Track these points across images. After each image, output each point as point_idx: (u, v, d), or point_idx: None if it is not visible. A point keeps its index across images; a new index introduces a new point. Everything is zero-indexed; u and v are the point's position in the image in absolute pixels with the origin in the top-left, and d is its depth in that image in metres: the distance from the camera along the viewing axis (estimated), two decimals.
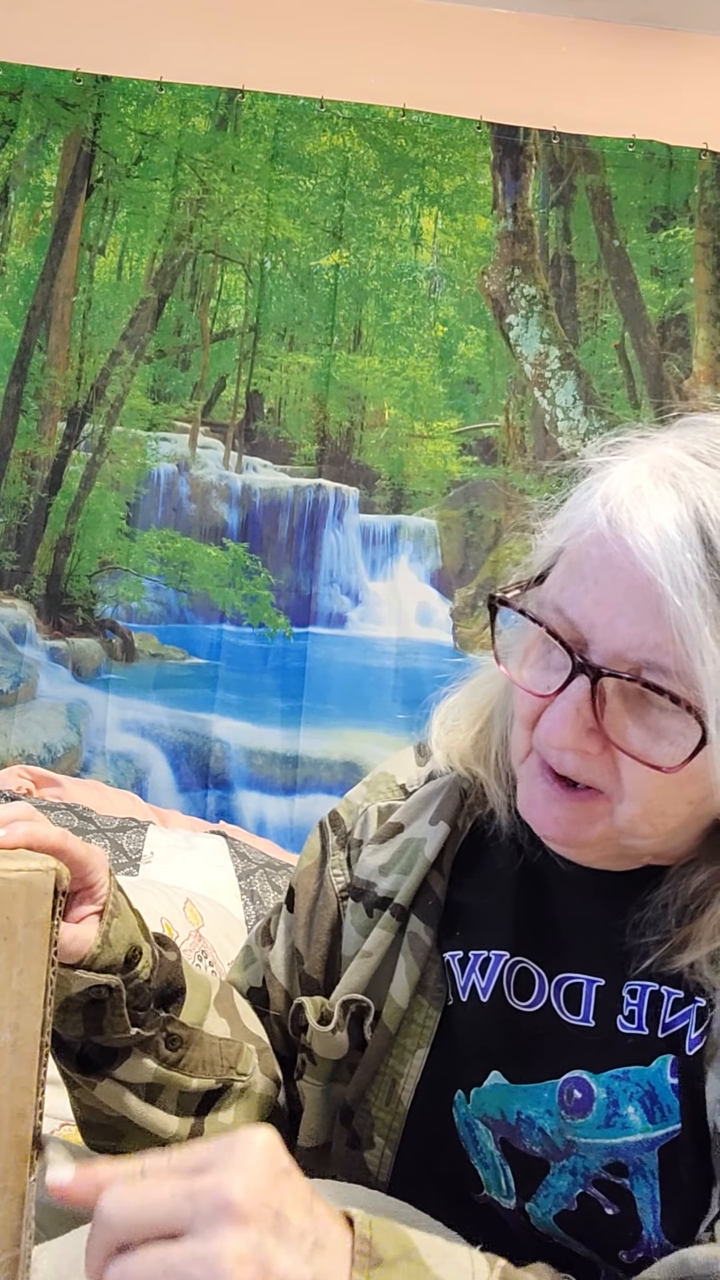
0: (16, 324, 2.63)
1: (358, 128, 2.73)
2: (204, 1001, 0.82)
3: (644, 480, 0.67)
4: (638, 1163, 0.72)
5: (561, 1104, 0.75)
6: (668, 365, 2.71)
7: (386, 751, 2.52)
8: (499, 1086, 0.77)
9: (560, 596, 0.69)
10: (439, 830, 0.84)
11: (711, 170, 2.76)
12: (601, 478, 0.70)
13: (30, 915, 0.60)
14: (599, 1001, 0.76)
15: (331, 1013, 0.82)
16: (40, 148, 2.69)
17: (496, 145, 2.75)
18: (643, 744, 0.66)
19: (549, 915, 0.80)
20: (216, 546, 2.63)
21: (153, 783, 2.52)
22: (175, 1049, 0.78)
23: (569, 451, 0.72)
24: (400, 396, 2.69)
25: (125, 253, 2.69)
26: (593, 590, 0.67)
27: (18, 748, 2.49)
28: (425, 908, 0.82)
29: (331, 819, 0.92)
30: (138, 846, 2.01)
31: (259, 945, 0.93)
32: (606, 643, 0.66)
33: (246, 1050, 0.83)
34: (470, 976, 0.80)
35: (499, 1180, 0.77)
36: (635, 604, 0.65)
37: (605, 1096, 0.73)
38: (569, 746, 0.68)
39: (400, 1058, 0.80)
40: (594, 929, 0.77)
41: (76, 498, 2.60)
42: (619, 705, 0.67)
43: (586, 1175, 0.73)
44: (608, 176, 2.76)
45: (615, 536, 0.65)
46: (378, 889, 0.84)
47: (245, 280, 2.70)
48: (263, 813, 2.53)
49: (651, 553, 0.63)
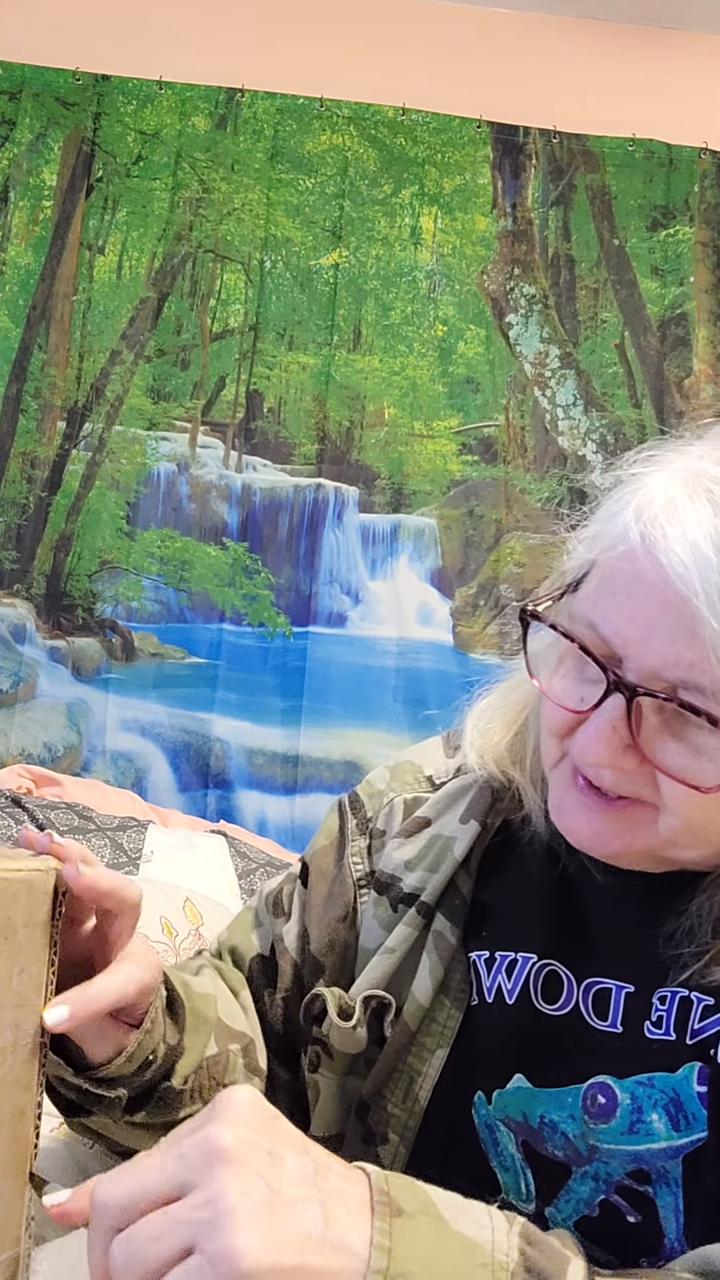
0: (16, 323, 2.63)
1: (357, 127, 2.73)
2: (201, 1048, 0.80)
3: (678, 493, 0.65)
4: (661, 1170, 0.71)
5: (585, 1109, 0.73)
6: (668, 364, 2.71)
7: (387, 751, 2.53)
8: (522, 1089, 0.76)
9: (593, 611, 0.68)
10: (469, 829, 0.82)
11: (711, 169, 2.76)
12: (635, 489, 0.68)
13: (30, 915, 0.60)
14: (628, 1009, 0.74)
15: (352, 1008, 0.81)
16: (40, 147, 2.69)
17: (496, 144, 2.75)
18: (681, 761, 0.65)
19: (581, 919, 0.78)
20: (216, 546, 2.63)
21: (153, 782, 2.52)
22: (163, 1107, 0.77)
23: (603, 464, 0.70)
24: (400, 396, 2.69)
25: (125, 252, 2.68)
26: (626, 606, 0.65)
27: (18, 747, 2.49)
28: (452, 906, 0.81)
29: (351, 801, 0.91)
30: (138, 846, 2.01)
31: (269, 914, 0.91)
32: (641, 660, 0.65)
33: (232, 1058, 0.82)
34: (496, 978, 0.79)
35: (519, 1184, 0.76)
36: (670, 621, 0.63)
37: (630, 1102, 0.72)
38: (604, 764, 0.66)
39: (419, 1056, 0.79)
40: (627, 935, 0.76)
41: (76, 497, 2.60)
42: (656, 721, 0.66)
43: (609, 1181, 0.72)
44: (607, 175, 2.76)
45: (648, 553, 0.64)
46: (403, 884, 0.83)
47: (245, 279, 2.70)
48: (263, 812, 2.53)
49: (686, 571, 0.62)
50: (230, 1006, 0.86)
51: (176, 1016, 0.78)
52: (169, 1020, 0.77)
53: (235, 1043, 0.83)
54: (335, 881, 0.87)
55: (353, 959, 0.85)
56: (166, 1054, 0.75)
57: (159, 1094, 0.76)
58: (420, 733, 2.59)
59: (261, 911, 0.92)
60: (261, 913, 0.92)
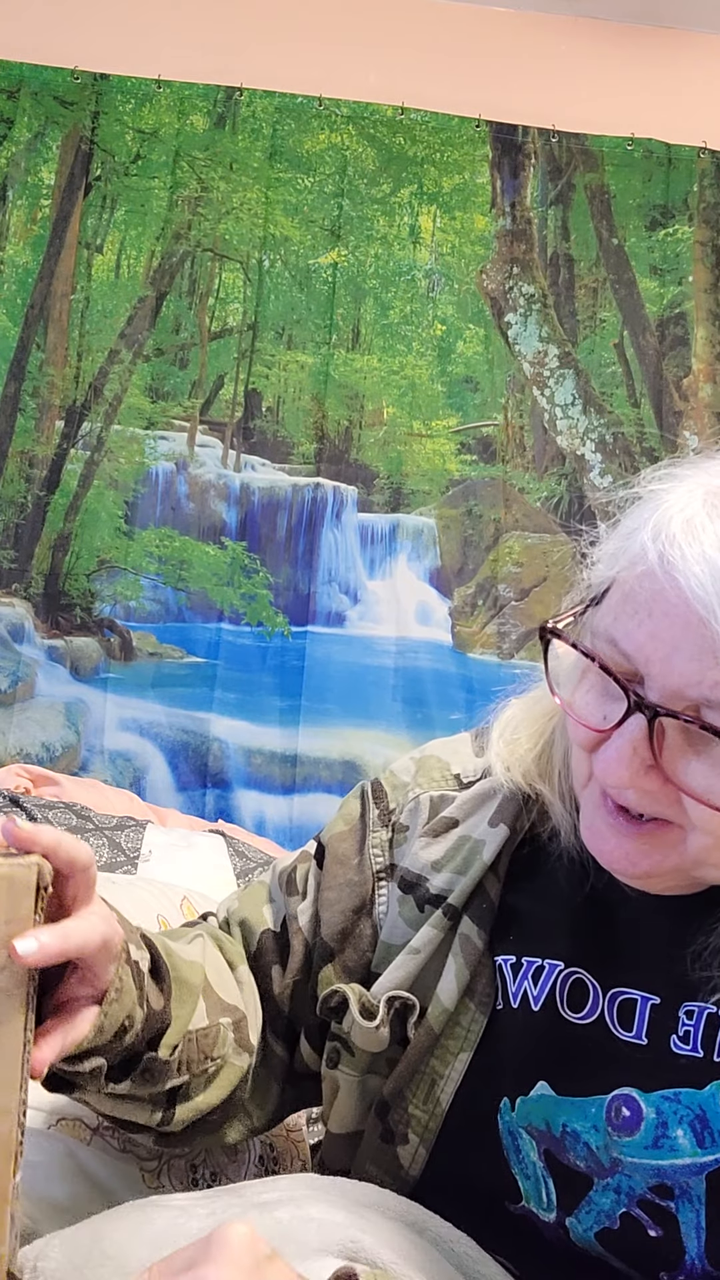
0: (14, 322, 2.63)
1: (356, 126, 2.72)
2: (187, 1016, 0.79)
3: (697, 512, 0.65)
4: (684, 1186, 0.70)
5: (609, 1120, 0.73)
6: (667, 364, 2.70)
7: (386, 750, 2.53)
8: (545, 1097, 0.75)
9: (614, 628, 0.67)
10: (499, 833, 0.82)
11: (710, 168, 2.76)
12: (654, 507, 0.68)
13: (12, 911, 0.60)
14: (653, 1020, 0.74)
15: (376, 1007, 0.80)
16: (38, 146, 2.69)
17: (495, 143, 2.74)
18: (706, 781, 0.64)
19: (610, 929, 0.78)
20: (215, 545, 2.63)
21: (151, 782, 2.52)
22: (150, 1077, 0.76)
23: (620, 483, 0.69)
24: (399, 395, 2.69)
25: (123, 251, 2.68)
26: (647, 624, 0.65)
27: (16, 747, 2.49)
28: (479, 910, 0.81)
29: (375, 791, 0.90)
30: (136, 845, 2.01)
31: (281, 891, 0.90)
32: (663, 679, 0.64)
33: (222, 1031, 0.82)
34: (522, 984, 0.79)
35: (540, 1192, 0.75)
36: (692, 641, 0.63)
37: (654, 1117, 0.71)
38: (626, 785, 0.66)
39: (442, 1059, 0.79)
40: (656, 947, 0.75)
41: (75, 496, 2.60)
42: (679, 741, 0.65)
43: (631, 1195, 0.72)
44: (606, 175, 2.76)
45: (667, 574, 0.63)
46: (430, 885, 0.82)
47: (244, 279, 2.69)
48: (262, 812, 2.53)
49: (705, 594, 0.61)
50: (224, 978, 0.85)
51: (161, 982, 0.77)
52: (154, 985, 0.76)
53: (227, 1016, 0.83)
54: (353, 870, 0.87)
55: (368, 950, 0.85)
56: (148, 1019, 0.74)
57: (144, 1064, 0.75)
58: (419, 732, 2.59)
59: (274, 888, 0.91)
60: (274, 889, 0.91)
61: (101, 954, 0.68)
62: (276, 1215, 0.62)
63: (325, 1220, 0.68)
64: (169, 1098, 0.80)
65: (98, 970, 0.69)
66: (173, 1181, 0.96)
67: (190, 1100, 0.81)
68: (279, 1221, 0.66)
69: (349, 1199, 0.73)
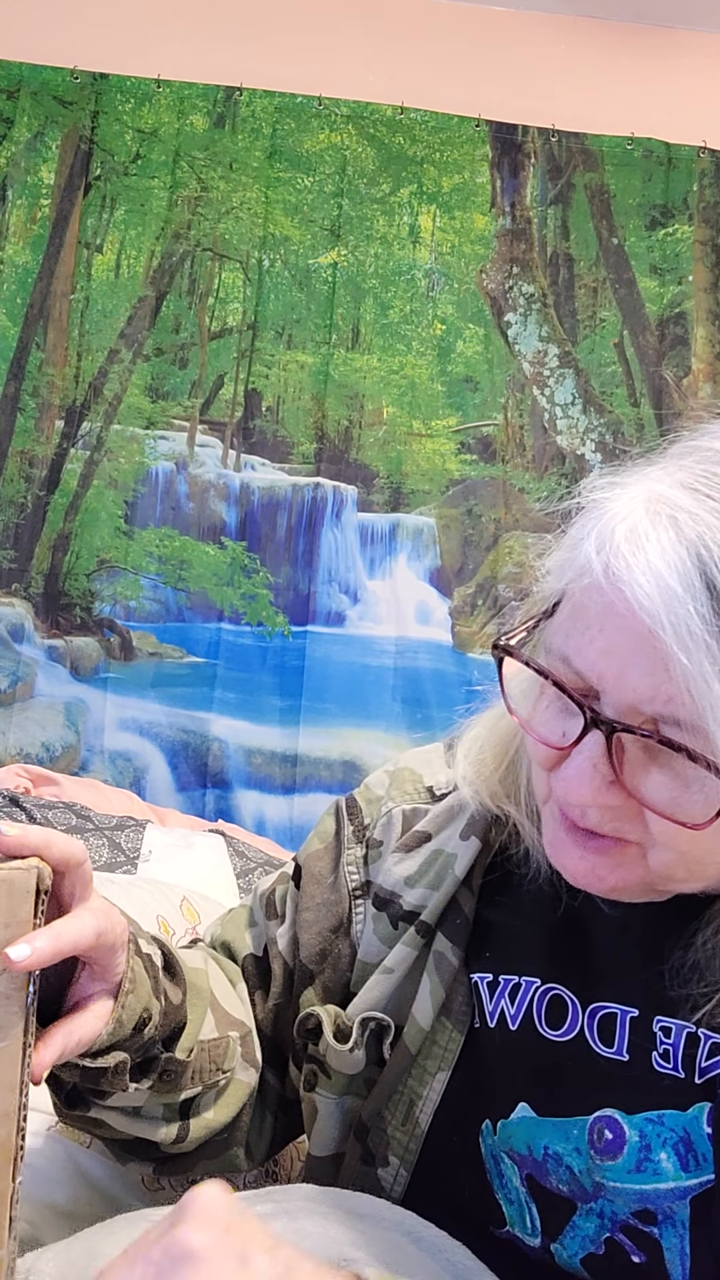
0: (14, 322, 2.63)
1: (356, 125, 2.72)
2: (200, 1020, 0.79)
3: (640, 520, 0.62)
4: (668, 1211, 0.69)
5: (591, 1143, 0.71)
6: (666, 363, 2.70)
7: (386, 750, 2.53)
8: (526, 1119, 0.74)
9: (566, 645, 0.65)
10: (470, 846, 0.80)
11: (710, 168, 2.75)
12: (597, 516, 0.65)
13: (12, 914, 0.60)
14: (633, 1035, 0.73)
15: (349, 1029, 0.79)
16: (38, 145, 2.69)
17: (495, 143, 2.74)
18: (669, 794, 0.62)
19: (586, 943, 0.77)
20: (215, 545, 2.62)
21: (151, 781, 2.52)
22: (169, 1080, 0.76)
23: (565, 493, 0.66)
24: (399, 395, 2.69)
25: (123, 251, 2.68)
26: (598, 640, 0.63)
27: (16, 747, 2.49)
28: (453, 926, 0.79)
29: (349, 807, 0.88)
30: (136, 845, 2.01)
31: (262, 914, 0.90)
32: (618, 694, 0.62)
33: (231, 1044, 0.81)
34: (499, 1002, 0.77)
35: (523, 1217, 0.74)
36: (644, 654, 0.60)
37: (638, 1140, 0.70)
38: (589, 803, 0.64)
39: (420, 1079, 0.78)
40: (633, 960, 0.74)
41: (74, 496, 2.59)
42: (640, 755, 0.63)
43: (614, 1220, 0.70)
44: (606, 174, 2.75)
45: (614, 587, 0.61)
46: (403, 901, 0.81)
47: (243, 278, 2.69)
48: (262, 811, 2.53)
49: (652, 605, 0.59)
50: (227, 992, 0.85)
51: (175, 977, 0.76)
52: (168, 979, 0.75)
53: (234, 1030, 0.82)
54: (329, 889, 0.86)
55: (347, 969, 0.84)
56: (166, 1013, 0.74)
57: (163, 1064, 0.75)
58: (419, 732, 2.59)
59: (256, 911, 0.91)
60: (256, 912, 0.91)
61: (101, 946, 0.67)
62: (271, 1228, 0.62)
63: (319, 1234, 0.67)
64: (183, 1110, 0.79)
65: (105, 963, 0.69)
66: (172, 1185, 0.95)
67: (202, 1115, 0.81)
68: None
69: (344, 1210, 0.72)
